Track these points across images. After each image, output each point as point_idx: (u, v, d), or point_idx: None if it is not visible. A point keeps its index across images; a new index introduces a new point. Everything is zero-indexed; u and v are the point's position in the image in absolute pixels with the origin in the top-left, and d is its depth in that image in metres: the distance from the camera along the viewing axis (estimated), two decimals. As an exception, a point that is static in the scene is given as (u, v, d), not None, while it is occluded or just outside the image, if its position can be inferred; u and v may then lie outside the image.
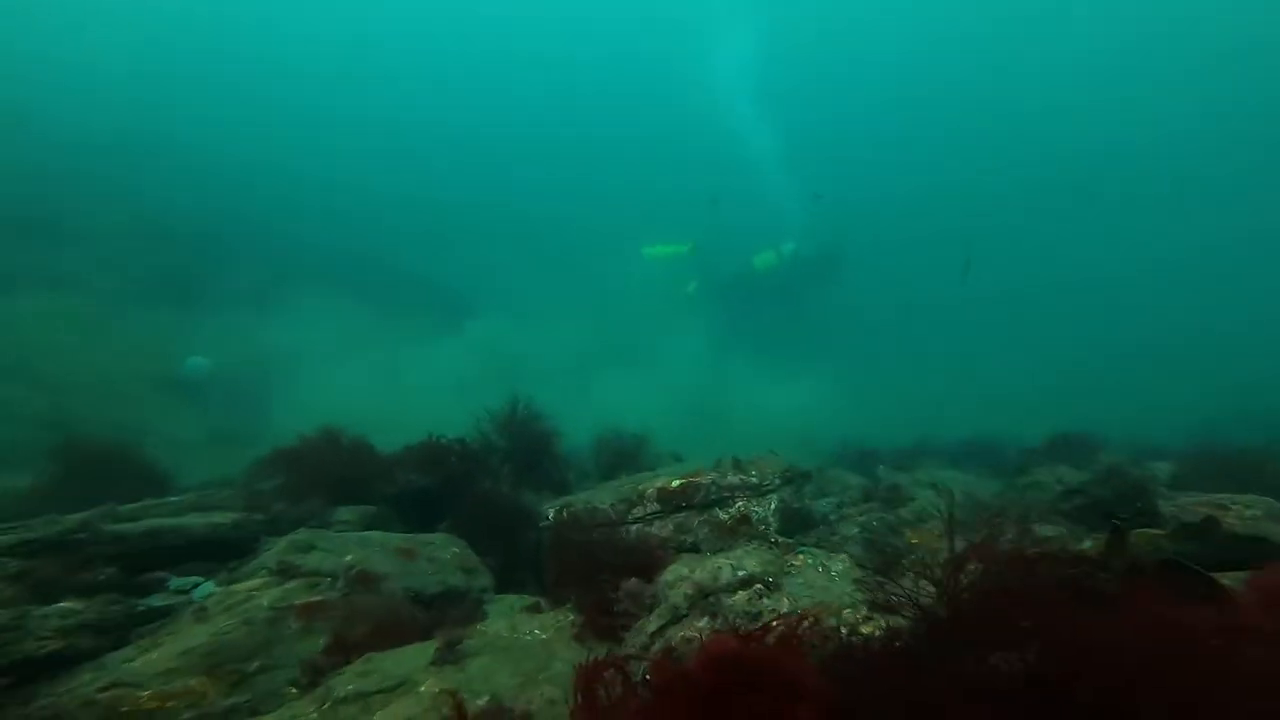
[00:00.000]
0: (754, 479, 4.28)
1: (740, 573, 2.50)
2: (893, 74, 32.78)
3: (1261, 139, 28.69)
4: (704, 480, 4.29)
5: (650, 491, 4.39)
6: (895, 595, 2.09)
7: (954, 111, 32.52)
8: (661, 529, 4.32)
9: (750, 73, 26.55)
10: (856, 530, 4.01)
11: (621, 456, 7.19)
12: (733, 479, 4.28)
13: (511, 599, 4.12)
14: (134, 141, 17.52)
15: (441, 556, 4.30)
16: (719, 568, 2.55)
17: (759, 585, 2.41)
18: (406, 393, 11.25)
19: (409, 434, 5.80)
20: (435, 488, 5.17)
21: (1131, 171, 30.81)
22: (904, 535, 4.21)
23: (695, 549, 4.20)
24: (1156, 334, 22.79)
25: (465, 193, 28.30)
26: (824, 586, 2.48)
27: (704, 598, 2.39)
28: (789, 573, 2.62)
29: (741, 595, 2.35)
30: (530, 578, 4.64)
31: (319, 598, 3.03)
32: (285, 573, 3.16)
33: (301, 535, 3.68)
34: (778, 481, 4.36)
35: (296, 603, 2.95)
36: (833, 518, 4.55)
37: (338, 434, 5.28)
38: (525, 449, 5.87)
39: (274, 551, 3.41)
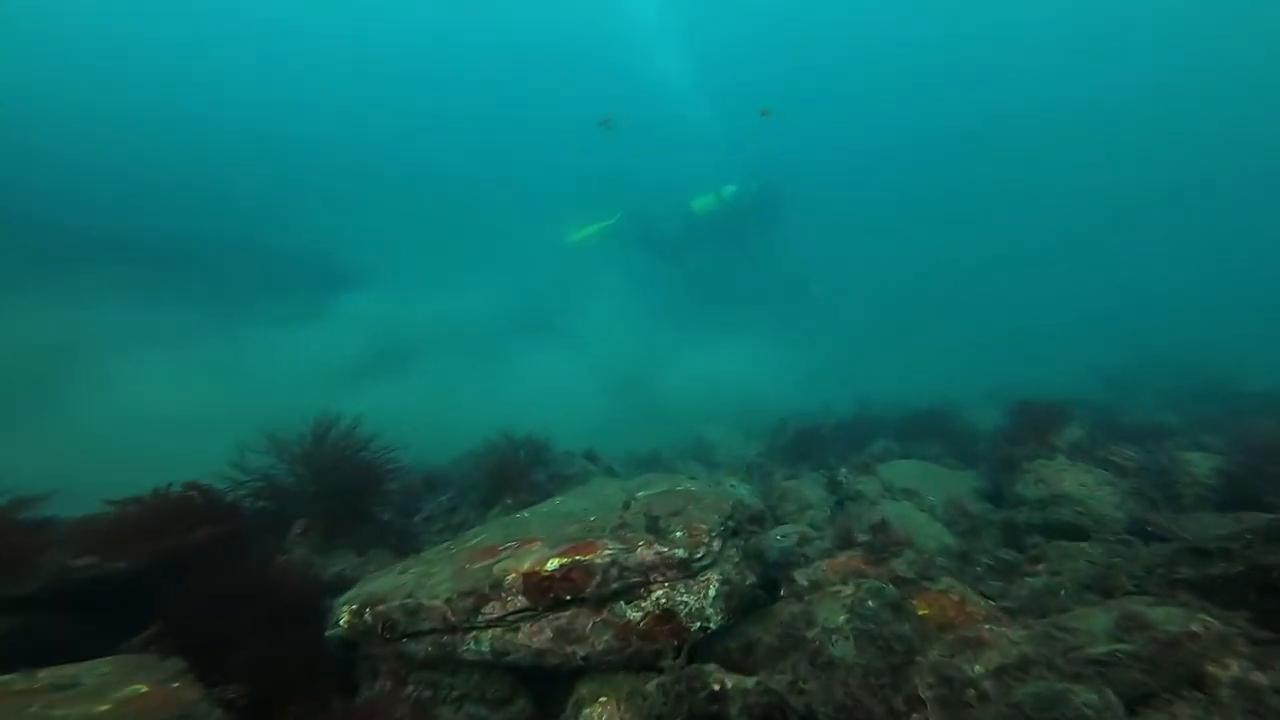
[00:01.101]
0: (680, 550, 2.61)
1: None
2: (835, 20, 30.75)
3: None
4: (599, 559, 2.57)
5: (513, 579, 2.63)
6: None
7: (897, 55, 31.15)
8: (534, 636, 2.59)
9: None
10: (844, 619, 2.46)
11: (509, 470, 5.49)
12: (645, 553, 2.59)
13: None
14: None
15: (84, 712, 2.20)
16: None
17: None
18: (243, 395, 8.74)
19: (236, 451, 4.00)
20: (141, 573, 3.10)
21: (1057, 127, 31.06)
22: (908, 609, 2.73)
23: (589, 667, 2.54)
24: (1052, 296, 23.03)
25: (331, 146, 24.15)
26: None
27: None
28: None
29: None
30: (321, 710, 2.79)
31: None
32: None
33: None
34: (716, 545, 2.72)
35: None
36: (803, 584, 2.99)
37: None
38: (340, 492, 3.91)
39: None
